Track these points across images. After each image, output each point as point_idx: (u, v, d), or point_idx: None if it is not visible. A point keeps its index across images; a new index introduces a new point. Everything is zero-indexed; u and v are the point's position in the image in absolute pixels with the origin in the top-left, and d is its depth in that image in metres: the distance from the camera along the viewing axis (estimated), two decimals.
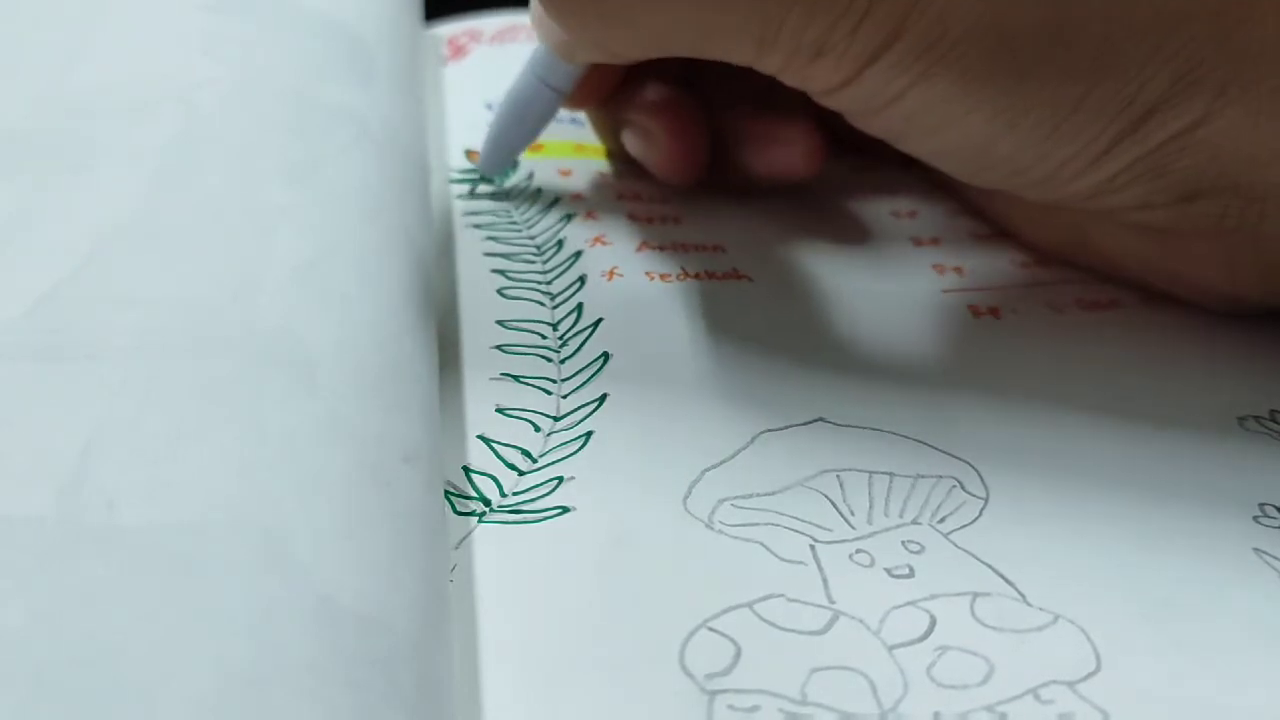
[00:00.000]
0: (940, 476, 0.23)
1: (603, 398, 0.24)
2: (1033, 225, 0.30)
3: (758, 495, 0.22)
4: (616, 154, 0.32)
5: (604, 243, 0.29)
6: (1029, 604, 0.20)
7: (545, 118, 0.29)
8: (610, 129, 0.31)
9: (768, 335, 0.26)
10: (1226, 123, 0.23)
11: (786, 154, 0.29)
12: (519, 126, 0.29)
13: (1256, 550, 0.22)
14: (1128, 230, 0.27)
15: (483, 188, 0.31)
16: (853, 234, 0.31)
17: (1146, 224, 0.26)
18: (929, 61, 0.23)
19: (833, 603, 0.20)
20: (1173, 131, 0.23)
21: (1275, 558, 0.22)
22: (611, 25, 0.24)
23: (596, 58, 0.27)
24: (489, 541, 0.21)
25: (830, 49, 0.23)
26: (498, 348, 0.25)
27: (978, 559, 0.21)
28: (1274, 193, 0.24)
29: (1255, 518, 0.22)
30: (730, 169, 0.30)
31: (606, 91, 0.30)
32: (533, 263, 0.28)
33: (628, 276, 0.28)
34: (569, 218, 0.30)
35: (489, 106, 0.35)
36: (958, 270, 0.29)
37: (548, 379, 0.25)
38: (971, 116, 0.23)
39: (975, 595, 0.20)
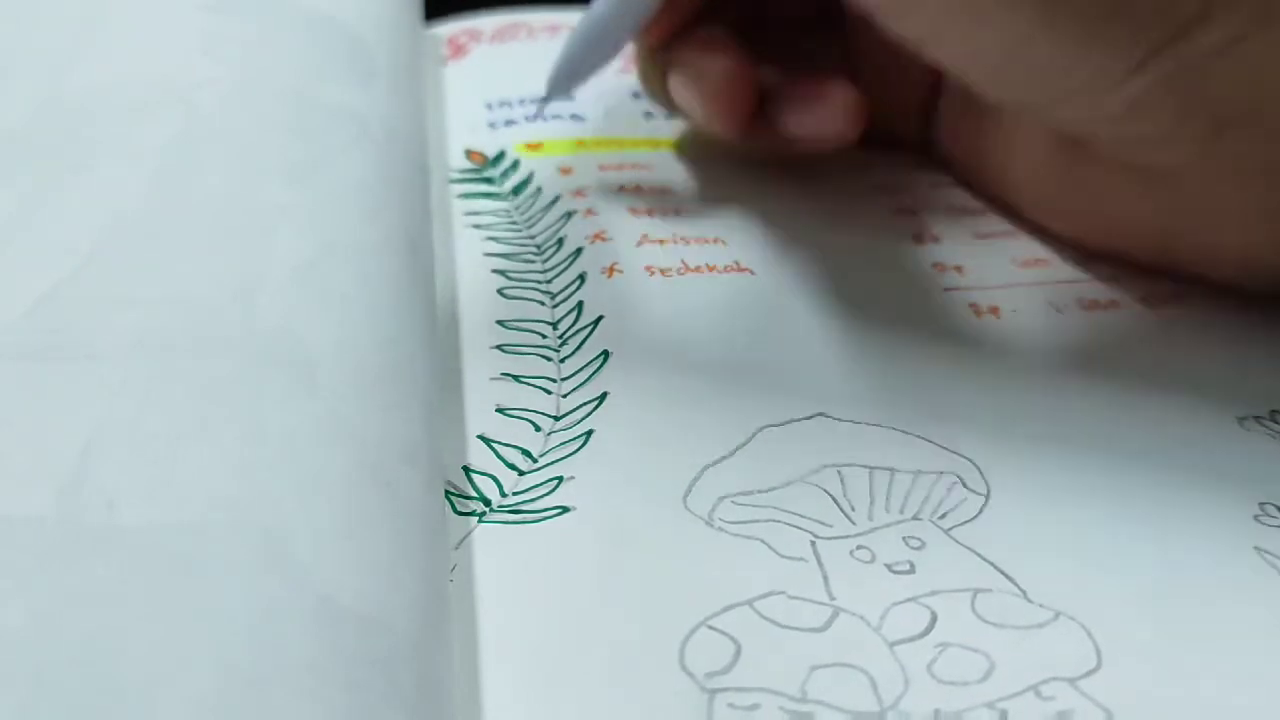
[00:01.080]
0: (941, 472, 0.23)
1: (603, 396, 0.24)
2: (1045, 193, 0.29)
3: (758, 492, 0.22)
4: (664, 103, 0.32)
5: (604, 239, 0.29)
6: (1030, 601, 0.20)
7: (624, 38, 0.29)
8: (659, 77, 0.31)
9: (767, 330, 0.26)
10: (1264, 44, 0.23)
11: (826, 113, 0.29)
12: (598, 44, 0.29)
13: (1257, 549, 0.22)
14: (1146, 187, 0.26)
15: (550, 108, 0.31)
16: (854, 231, 0.30)
17: (1169, 165, 0.25)
18: None
19: (833, 599, 0.20)
20: (1209, 46, 0.23)
21: (1276, 556, 0.21)
22: None
23: None
24: (489, 541, 0.21)
25: None
26: (498, 347, 0.25)
27: (979, 555, 0.21)
28: None
29: (1255, 516, 0.22)
30: (769, 133, 0.30)
31: (673, 28, 0.30)
32: (532, 262, 0.28)
33: (628, 273, 0.28)
34: (569, 215, 0.30)
35: (489, 106, 0.35)
36: (958, 269, 0.29)
37: (548, 378, 0.25)
38: (1007, 11, 0.23)
39: (976, 592, 0.20)
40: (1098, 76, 0.24)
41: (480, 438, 0.23)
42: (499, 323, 0.26)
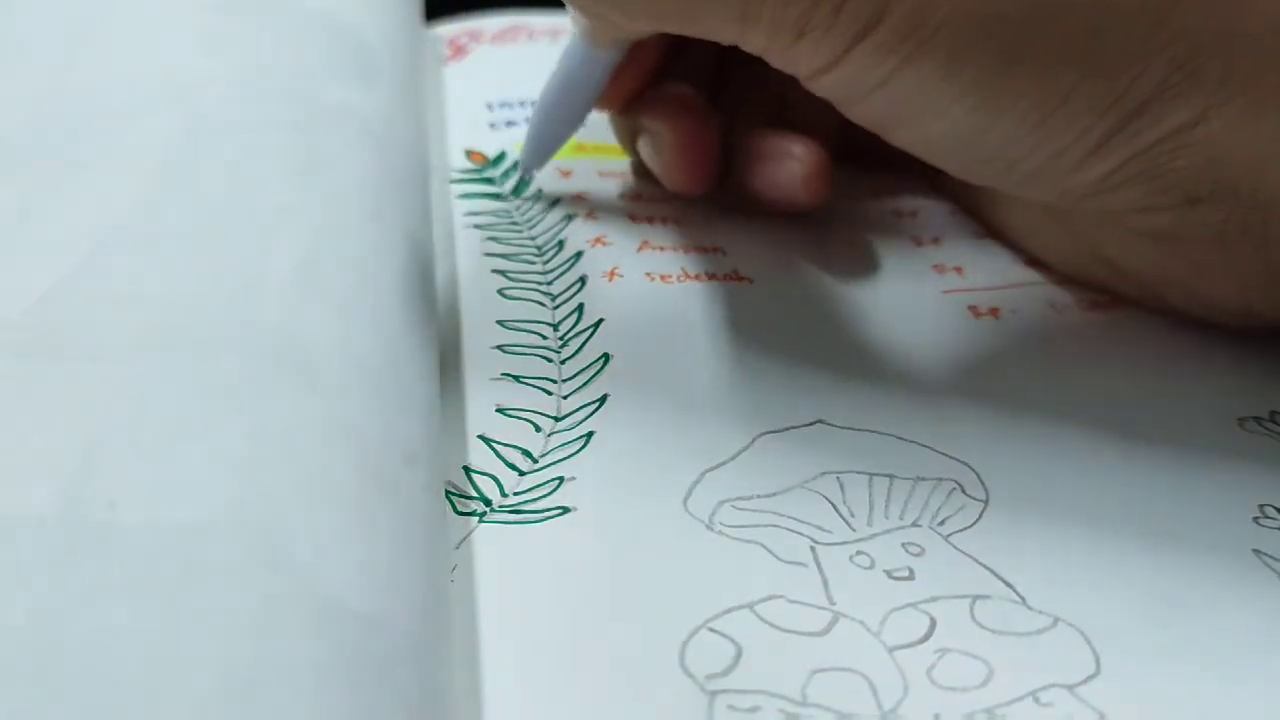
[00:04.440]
0: (940, 479, 0.23)
1: (603, 398, 0.24)
2: (1041, 237, 0.29)
3: (758, 497, 0.22)
4: (636, 168, 0.32)
5: (604, 243, 0.29)
6: (1029, 607, 0.20)
7: (586, 106, 0.29)
8: (628, 137, 0.31)
9: (768, 337, 0.26)
10: (1226, 121, 0.23)
11: (786, 174, 0.28)
12: (561, 116, 0.29)
13: (1256, 551, 0.22)
14: (1135, 239, 0.26)
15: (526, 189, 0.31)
16: (853, 235, 0.31)
17: (1152, 230, 0.25)
18: (913, 45, 0.22)
19: (833, 604, 0.20)
20: (1169, 128, 0.23)
21: (1275, 559, 0.22)
22: None
23: (609, 35, 0.27)
24: (490, 541, 0.21)
25: (812, 30, 0.23)
26: (498, 348, 0.25)
27: (978, 561, 0.21)
28: (1277, 200, 0.23)
29: (1255, 519, 0.22)
30: (738, 188, 0.30)
31: (631, 95, 0.30)
32: (533, 263, 0.28)
33: (628, 277, 0.28)
34: (569, 218, 0.30)
35: (490, 107, 0.35)
36: (958, 270, 0.29)
37: (548, 379, 0.25)
38: (957, 104, 0.23)
39: (975, 598, 0.21)
40: (1056, 161, 0.24)
41: (481, 438, 0.23)
42: (499, 323, 0.26)
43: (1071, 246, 0.28)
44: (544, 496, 0.22)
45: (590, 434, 0.23)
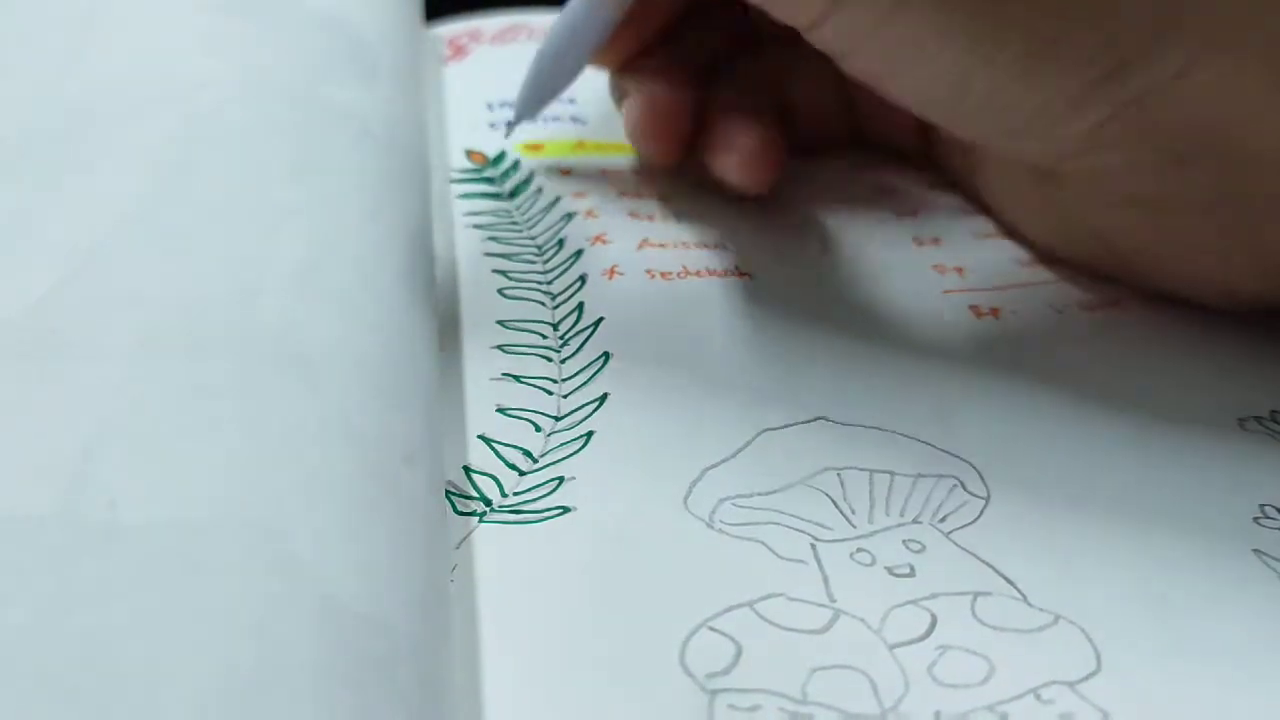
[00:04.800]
0: (941, 476, 0.23)
1: (603, 397, 0.24)
2: (1027, 207, 0.29)
3: (758, 494, 0.22)
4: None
5: (604, 241, 0.29)
6: (1030, 604, 0.20)
7: (584, 58, 0.29)
8: (620, 100, 0.31)
9: (768, 334, 0.26)
10: (1212, 74, 0.23)
11: (733, 162, 0.29)
12: (559, 65, 0.29)
13: (1256, 551, 0.22)
14: (1120, 209, 0.26)
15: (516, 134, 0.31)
16: (854, 233, 0.30)
17: (1138, 196, 0.25)
18: None
19: (833, 602, 0.20)
20: (1154, 80, 0.23)
21: (1275, 559, 0.22)
22: None
23: None
24: (490, 541, 0.21)
25: None
26: (498, 347, 0.25)
27: (978, 558, 0.21)
28: (1261, 158, 0.23)
29: (1255, 519, 0.22)
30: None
31: (631, 52, 0.30)
32: (533, 263, 0.28)
33: (628, 275, 0.28)
34: (569, 217, 0.30)
35: (490, 106, 0.35)
36: (958, 270, 0.29)
37: (548, 379, 0.25)
38: (947, 49, 0.24)
39: (976, 595, 0.21)
40: (1042, 112, 0.24)
41: (481, 438, 0.23)
42: (499, 323, 0.26)
43: (1056, 217, 0.28)
44: (544, 496, 0.22)
45: (590, 433, 0.23)
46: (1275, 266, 0.25)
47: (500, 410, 0.24)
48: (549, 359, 0.25)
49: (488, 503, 0.22)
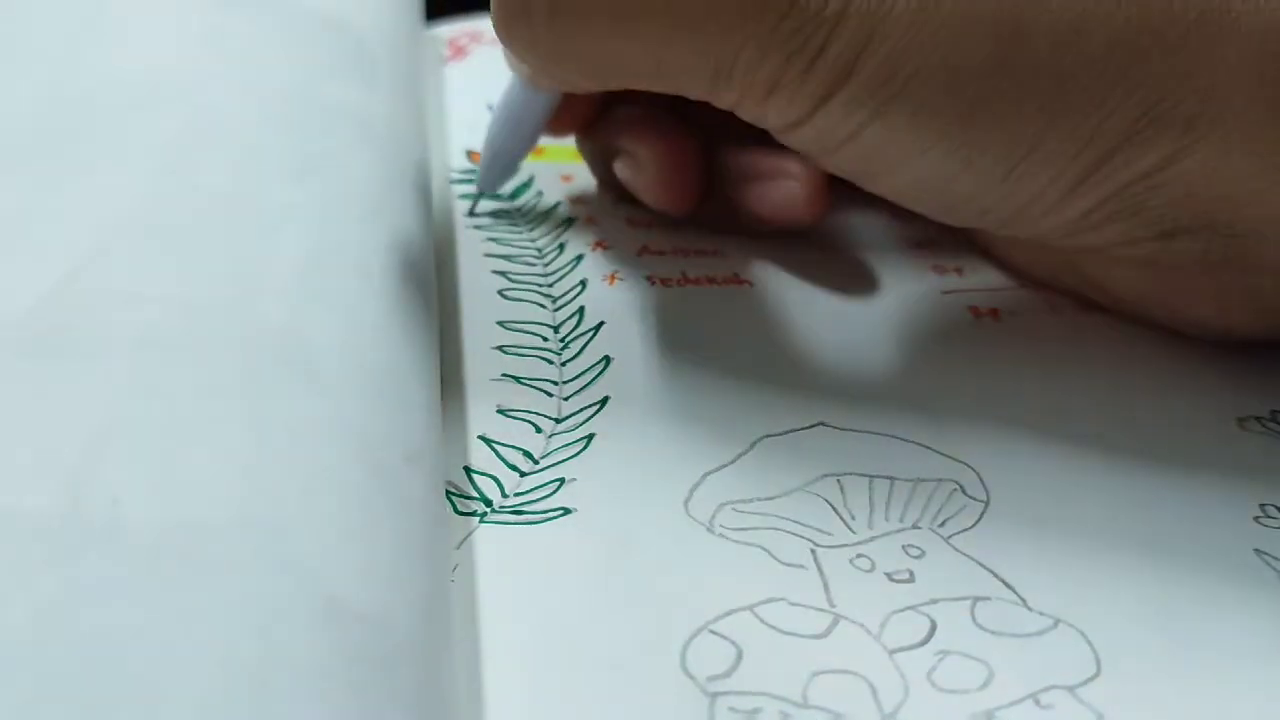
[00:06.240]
0: (940, 480, 0.23)
1: (604, 400, 0.24)
2: (1026, 257, 0.29)
3: (759, 499, 0.22)
4: (606, 182, 0.31)
5: (605, 247, 0.29)
6: (1029, 608, 0.20)
7: (536, 133, 0.28)
8: (598, 158, 0.31)
9: (768, 339, 0.26)
10: (1197, 160, 0.22)
11: (785, 193, 0.28)
12: (512, 139, 0.28)
13: (1257, 551, 0.22)
14: (1119, 263, 0.26)
15: (484, 204, 0.31)
16: (852, 237, 0.31)
17: (1134, 258, 0.25)
18: (881, 100, 0.22)
19: (833, 606, 0.20)
20: (1141, 170, 0.23)
21: (1276, 559, 0.22)
22: (560, 59, 0.24)
23: (561, 87, 0.26)
24: (490, 542, 0.21)
25: (783, 87, 0.23)
26: (499, 348, 0.25)
27: (978, 563, 0.21)
28: (1253, 229, 0.23)
29: (1256, 518, 0.23)
30: (730, 207, 0.29)
31: (587, 118, 0.29)
32: (534, 265, 0.28)
33: (629, 280, 0.28)
34: (570, 222, 0.30)
35: (489, 107, 0.35)
36: (958, 271, 0.29)
37: (549, 380, 0.25)
38: (927, 155, 0.23)
39: (975, 600, 0.21)
40: (1029, 207, 0.24)
41: (481, 438, 0.23)
42: (500, 324, 0.26)
43: (1055, 264, 0.28)
44: (545, 498, 0.22)
45: (591, 436, 0.23)
46: (1272, 311, 0.25)
47: (501, 411, 0.24)
48: (550, 361, 0.25)
49: (488, 503, 0.22)
